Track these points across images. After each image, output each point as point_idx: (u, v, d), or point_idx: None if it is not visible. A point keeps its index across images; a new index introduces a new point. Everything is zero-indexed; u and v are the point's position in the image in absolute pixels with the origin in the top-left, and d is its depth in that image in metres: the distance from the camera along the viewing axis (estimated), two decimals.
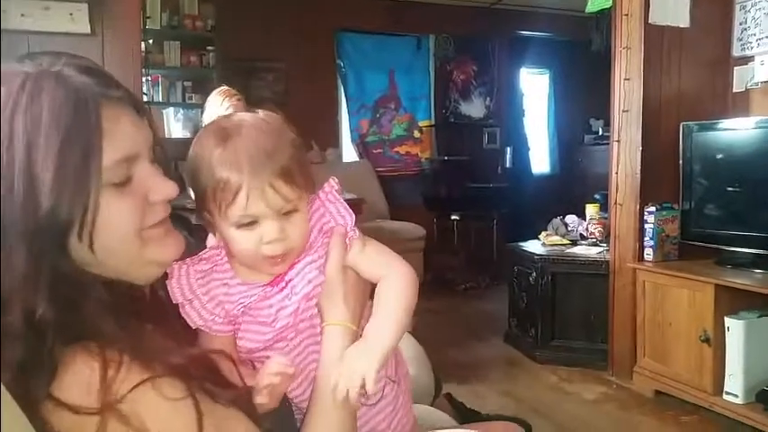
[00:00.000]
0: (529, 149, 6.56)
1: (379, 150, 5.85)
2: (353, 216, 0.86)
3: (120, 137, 0.66)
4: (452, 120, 6.13)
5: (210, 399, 0.65)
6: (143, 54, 3.58)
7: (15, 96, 0.61)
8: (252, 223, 0.76)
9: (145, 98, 4.30)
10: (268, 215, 0.76)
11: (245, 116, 0.81)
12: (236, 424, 0.67)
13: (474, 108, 6.25)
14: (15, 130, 0.60)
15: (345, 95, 5.75)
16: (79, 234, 0.63)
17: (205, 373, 0.67)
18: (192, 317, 0.79)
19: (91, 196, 0.63)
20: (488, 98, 6.30)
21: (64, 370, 0.59)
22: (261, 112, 0.82)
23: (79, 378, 0.59)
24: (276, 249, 0.78)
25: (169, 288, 0.79)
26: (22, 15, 2.26)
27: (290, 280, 0.82)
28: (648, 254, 2.90)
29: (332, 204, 0.86)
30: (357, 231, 0.87)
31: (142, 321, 0.69)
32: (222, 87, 2.81)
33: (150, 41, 4.49)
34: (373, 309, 0.85)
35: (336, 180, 0.88)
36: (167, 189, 0.71)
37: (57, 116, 0.61)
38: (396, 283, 0.86)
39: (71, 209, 0.62)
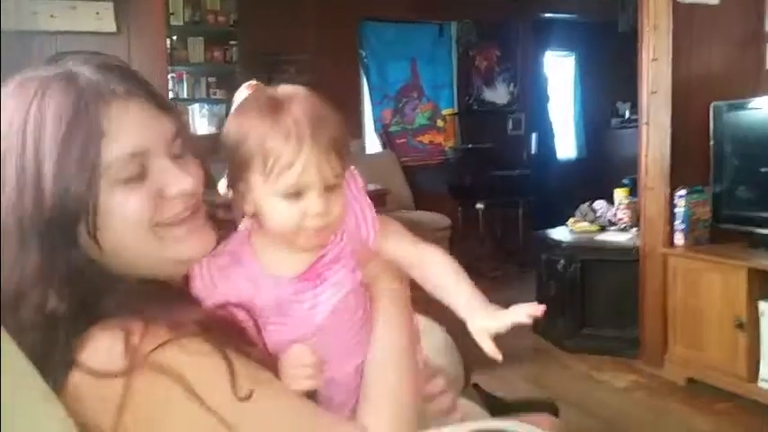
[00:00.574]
0: (554, 135, 6.48)
1: (402, 140, 5.84)
2: (374, 214, 0.84)
3: (127, 133, 0.67)
4: (476, 107, 6.07)
5: (241, 355, 0.67)
6: (167, 51, 3.61)
7: (29, 104, 0.65)
8: (298, 194, 0.74)
9: (170, 95, 4.34)
10: (316, 187, 0.74)
11: (292, 88, 0.81)
12: (270, 378, 0.69)
13: (497, 94, 6.18)
14: (27, 134, 0.64)
15: (368, 86, 5.73)
16: (86, 229, 0.65)
17: (232, 332, 0.69)
18: None
19: (91, 191, 0.64)
20: (512, 84, 6.23)
21: (86, 346, 0.62)
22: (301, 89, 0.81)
23: (101, 346, 0.62)
24: (319, 222, 0.76)
25: (193, 290, 0.77)
26: (52, 16, 2.29)
27: (322, 276, 0.80)
28: (679, 238, 2.85)
29: (356, 202, 0.83)
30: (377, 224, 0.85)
31: (166, 292, 0.72)
32: (251, 82, 2.83)
33: (174, 38, 4.53)
34: (453, 285, 0.84)
35: (355, 171, 0.86)
36: (183, 183, 0.70)
37: (59, 116, 0.64)
38: (445, 262, 0.85)
39: (74, 204, 0.64)
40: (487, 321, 0.77)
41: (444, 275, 0.83)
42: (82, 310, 0.64)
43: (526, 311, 0.75)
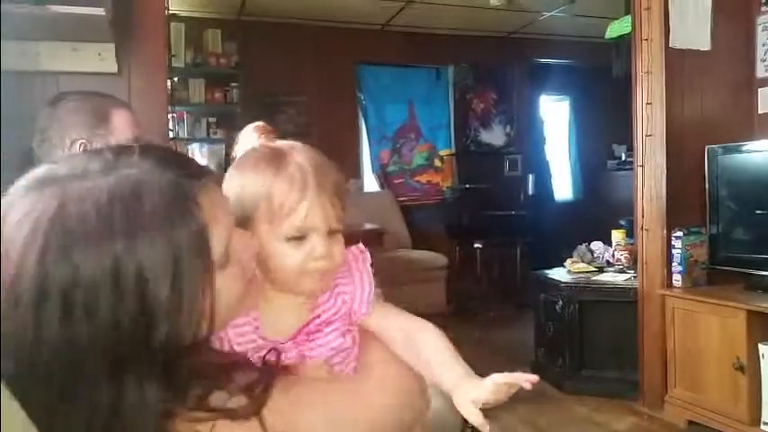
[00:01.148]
0: (551, 176, 6.53)
1: (400, 180, 5.88)
2: (373, 287, 0.85)
3: (221, 221, 0.65)
4: (473, 148, 6.14)
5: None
6: (168, 91, 3.66)
7: (105, 217, 0.57)
8: (302, 238, 0.76)
9: (170, 134, 4.39)
10: (320, 231, 0.76)
11: (288, 142, 0.84)
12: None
13: (494, 136, 6.26)
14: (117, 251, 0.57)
15: (366, 127, 5.81)
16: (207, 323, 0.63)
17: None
18: None
19: (207, 301, 0.62)
20: (509, 126, 6.31)
21: None
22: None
23: None
24: (323, 265, 0.77)
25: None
26: (53, 57, 2.33)
27: (311, 337, 0.80)
28: (677, 280, 2.85)
29: (357, 272, 0.84)
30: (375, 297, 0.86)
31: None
32: (258, 123, 2.85)
33: (175, 79, 4.60)
34: (439, 358, 0.83)
35: (365, 249, 0.88)
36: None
37: (158, 226, 0.58)
38: (437, 338, 0.85)
39: (190, 326, 0.61)
40: (473, 391, 0.76)
41: (434, 353, 0.82)
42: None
43: (511, 377, 0.75)
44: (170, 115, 4.12)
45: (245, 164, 0.81)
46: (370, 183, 5.82)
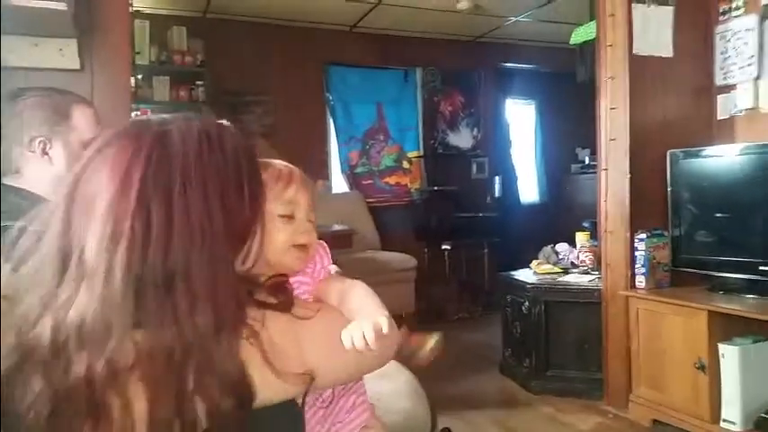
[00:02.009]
0: (517, 179, 6.61)
1: (369, 181, 5.87)
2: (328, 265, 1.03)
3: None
4: (441, 150, 6.16)
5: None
6: (132, 89, 3.58)
7: (197, 144, 0.77)
8: (290, 217, 0.93)
9: None
10: (304, 210, 0.95)
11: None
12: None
13: (462, 138, 6.30)
14: (208, 169, 0.76)
15: (335, 127, 5.78)
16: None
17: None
18: None
19: (259, 223, 0.81)
20: (476, 129, 6.36)
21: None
22: None
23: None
24: (308, 238, 0.94)
25: None
26: (12, 52, 2.25)
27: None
28: (640, 281, 2.90)
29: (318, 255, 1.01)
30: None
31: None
32: (221, 121, 2.81)
33: (139, 77, 4.50)
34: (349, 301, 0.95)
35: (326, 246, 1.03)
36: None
37: (240, 164, 0.80)
38: (362, 289, 0.99)
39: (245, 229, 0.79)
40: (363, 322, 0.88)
41: (356, 301, 0.95)
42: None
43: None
44: (133, 113, 4.04)
45: None
46: (339, 183, 5.80)
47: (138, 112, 4.47)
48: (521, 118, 6.83)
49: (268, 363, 0.75)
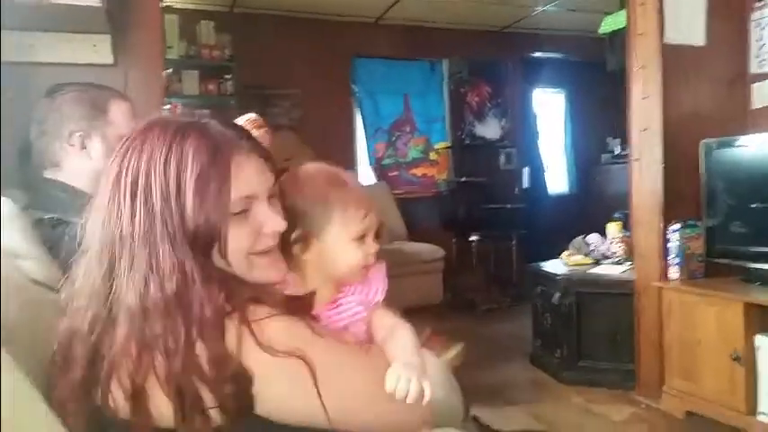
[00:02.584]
0: (545, 170, 6.55)
1: (395, 173, 5.87)
2: (386, 285, 1.05)
3: (243, 180, 0.83)
4: (468, 141, 6.14)
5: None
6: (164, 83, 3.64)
7: (170, 142, 0.80)
8: (363, 237, 0.98)
9: None
10: (372, 233, 1.01)
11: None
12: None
13: (489, 129, 6.26)
14: (169, 168, 0.79)
15: (361, 119, 5.80)
16: (219, 247, 0.81)
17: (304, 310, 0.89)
18: None
19: (225, 222, 0.81)
20: (503, 119, 6.31)
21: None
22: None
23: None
24: (374, 257, 1.00)
25: None
26: (49, 48, 2.30)
27: (340, 302, 0.99)
28: (674, 272, 2.86)
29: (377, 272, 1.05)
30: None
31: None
32: (251, 116, 2.81)
33: (169, 71, 4.56)
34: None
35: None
36: (278, 225, 0.88)
37: (199, 157, 0.80)
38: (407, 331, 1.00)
39: (210, 231, 0.80)
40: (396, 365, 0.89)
41: (399, 341, 0.96)
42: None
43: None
44: (165, 107, 4.10)
45: (311, 182, 1.02)
46: (366, 175, 5.81)
47: (169, 107, 4.54)
48: (550, 108, 6.76)
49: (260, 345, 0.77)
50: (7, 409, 0.68)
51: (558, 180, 6.72)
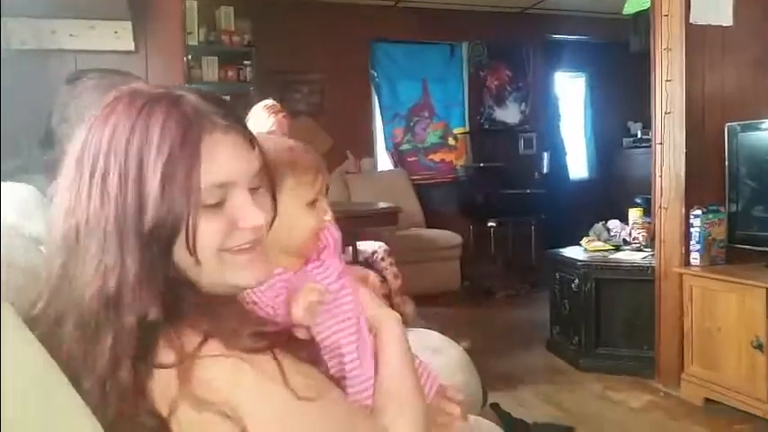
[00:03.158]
0: (566, 154, 6.48)
1: (413, 158, 5.86)
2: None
3: (218, 164, 0.71)
4: (487, 126, 6.09)
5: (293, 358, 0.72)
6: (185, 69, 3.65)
7: (135, 118, 0.69)
8: (315, 202, 0.93)
9: None
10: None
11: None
12: (324, 382, 0.75)
13: (509, 114, 6.21)
14: (131, 149, 0.68)
15: (379, 105, 5.78)
16: (186, 242, 0.69)
17: (285, 341, 0.73)
18: None
19: (191, 211, 0.68)
20: (523, 103, 6.25)
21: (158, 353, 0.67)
22: None
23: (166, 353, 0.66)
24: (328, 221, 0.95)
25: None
26: (71, 35, 2.33)
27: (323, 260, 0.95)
28: (695, 258, 2.83)
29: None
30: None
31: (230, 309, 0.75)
32: (268, 102, 2.83)
33: (189, 57, 4.58)
34: None
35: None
36: (256, 219, 0.74)
37: (166, 136, 0.68)
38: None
39: (175, 222, 0.68)
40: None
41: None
42: (167, 319, 0.68)
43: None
44: None
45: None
46: (384, 161, 5.81)
47: None
48: (570, 91, 6.68)
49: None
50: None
51: (578, 165, 6.66)
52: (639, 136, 5.96)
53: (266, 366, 0.67)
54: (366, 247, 3.31)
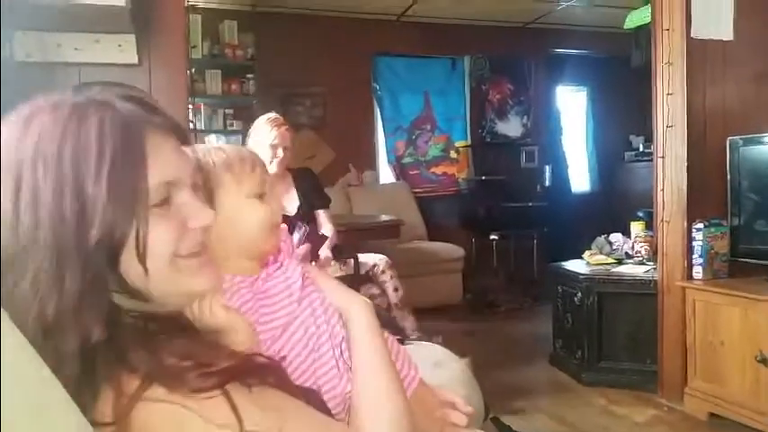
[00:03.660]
0: (568, 167, 6.49)
1: (415, 171, 5.87)
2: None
3: (162, 162, 0.67)
4: (489, 139, 6.11)
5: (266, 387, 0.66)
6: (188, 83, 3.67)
7: (64, 124, 0.63)
8: (262, 196, 0.91)
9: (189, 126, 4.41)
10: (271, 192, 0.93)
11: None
12: (295, 405, 0.69)
13: (511, 127, 6.22)
14: (64, 157, 0.61)
15: (381, 118, 5.80)
16: (137, 250, 0.63)
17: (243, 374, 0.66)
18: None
19: (141, 216, 0.63)
20: (525, 117, 6.27)
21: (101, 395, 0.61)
22: None
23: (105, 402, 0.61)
24: (280, 218, 0.94)
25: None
26: (76, 49, 2.34)
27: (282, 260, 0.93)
28: (698, 272, 2.82)
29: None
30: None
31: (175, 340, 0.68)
32: (271, 115, 2.84)
33: (193, 70, 4.61)
34: None
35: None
36: (205, 217, 0.71)
37: (104, 142, 0.62)
38: None
39: (123, 229, 0.62)
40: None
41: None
42: (113, 347, 0.62)
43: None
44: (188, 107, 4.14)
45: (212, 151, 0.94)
46: (386, 174, 5.82)
47: (192, 106, 4.59)
48: (572, 105, 6.70)
49: None
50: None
51: (580, 178, 6.66)
52: (641, 150, 5.97)
53: (217, 412, 0.60)
54: (367, 259, 3.31)
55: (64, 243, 0.61)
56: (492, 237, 5.38)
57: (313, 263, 1.50)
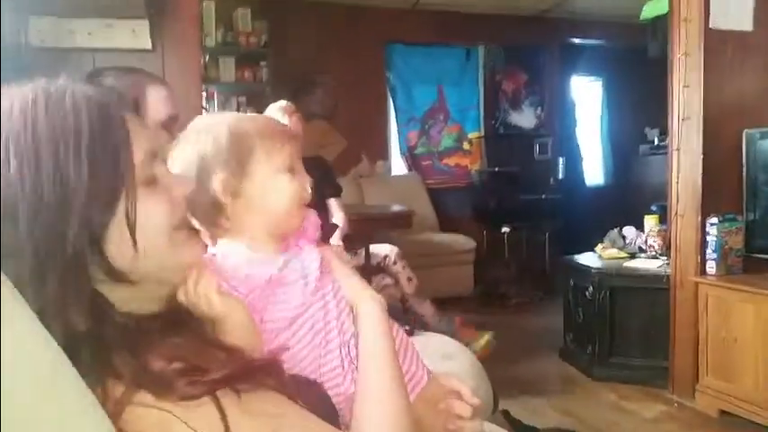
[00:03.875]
0: (582, 160, 6.43)
1: (428, 162, 5.84)
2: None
3: (144, 136, 0.66)
4: (502, 131, 6.06)
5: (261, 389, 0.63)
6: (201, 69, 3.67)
7: (32, 106, 0.60)
8: (292, 170, 0.88)
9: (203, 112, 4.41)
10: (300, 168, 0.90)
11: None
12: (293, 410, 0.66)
13: (524, 118, 6.17)
14: (40, 138, 0.59)
15: (394, 108, 5.77)
16: (129, 228, 0.62)
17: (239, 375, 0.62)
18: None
19: (129, 194, 0.62)
20: (539, 108, 6.21)
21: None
22: None
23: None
24: (309, 195, 0.90)
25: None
26: (89, 34, 2.35)
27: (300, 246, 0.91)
28: (711, 267, 2.79)
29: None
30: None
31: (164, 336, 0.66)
32: (283, 103, 2.84)
33: (206, 57, 4.61)
34: None
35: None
36: (186, 186, 0.70)
37: (81, 118, 0.61)
38: None
39: (107, 209, 0.60)
40: None
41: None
42: (99, 349, 0.60)
43: None
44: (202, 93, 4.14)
45: (233, 126, 0.91)
46: (398, 165, 5.80)
47: (206, 93, 4.60)
48: (587, 96, 6.63)
49: None
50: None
51: (594, 171, 6.60)
52: (656, 142, 5.90)
53: (205, 420, 0.57)
54: (378, 250, 3.30)
55: (42, 233, 0.58)
56: (504, 229, 5.34)
57: None
